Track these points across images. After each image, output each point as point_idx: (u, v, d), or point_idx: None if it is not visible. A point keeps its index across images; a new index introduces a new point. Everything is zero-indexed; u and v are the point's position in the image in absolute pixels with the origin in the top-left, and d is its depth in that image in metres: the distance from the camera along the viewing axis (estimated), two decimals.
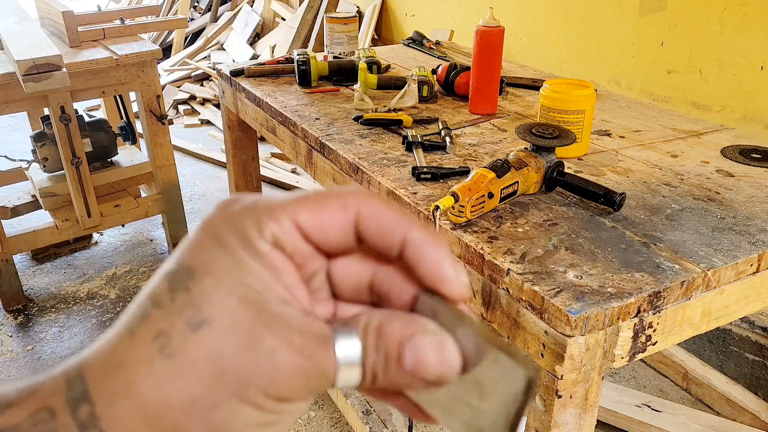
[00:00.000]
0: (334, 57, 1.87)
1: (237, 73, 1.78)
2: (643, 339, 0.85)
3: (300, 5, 4.27)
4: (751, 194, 1.10)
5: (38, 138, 2.16)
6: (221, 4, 5.23)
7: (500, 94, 1.60)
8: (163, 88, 4.17)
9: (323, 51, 1.96)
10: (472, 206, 0.97)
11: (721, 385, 1.73)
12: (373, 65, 1.71)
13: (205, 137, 3.79)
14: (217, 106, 4.12)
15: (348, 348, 0.26)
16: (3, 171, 2.57)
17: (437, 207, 0.95)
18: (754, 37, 1.86)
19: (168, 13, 5.16)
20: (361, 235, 0.28)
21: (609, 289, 0.82)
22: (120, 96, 2.40)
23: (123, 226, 2.55)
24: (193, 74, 4.49)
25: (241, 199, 0.27)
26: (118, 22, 2.35)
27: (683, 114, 1.54)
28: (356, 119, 1.45)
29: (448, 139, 1.30)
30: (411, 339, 0.26)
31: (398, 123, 1.41)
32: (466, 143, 1.32)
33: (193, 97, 4.25)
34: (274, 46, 4.35)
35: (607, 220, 1.00)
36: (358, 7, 3.95)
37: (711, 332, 1.79)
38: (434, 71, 1.67)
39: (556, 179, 1.07)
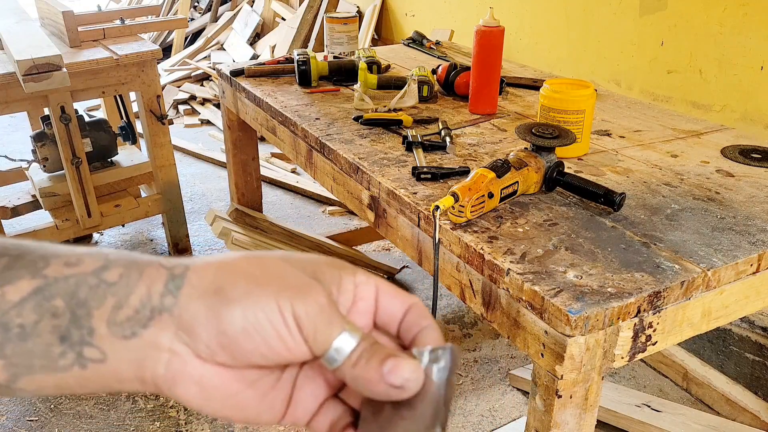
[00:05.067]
0: (334, 57, 1.87)
1: (237, 73, 1.78)
2: (643, 339, 0.85)
3: (300, 5, 4.27)
4: (751, 194, 1.10)
5: (38, 138, 2.16)
6: (221, 4, 5.23)
7: (500, 94, 1.60)
8: (163, 88, 4.17)
9: (323, 51, 1.96)
10: (472, 206, 0.97)
11: (721, 385, 1.73)
12: (373, 65, 1.71)
13: (205, 137, 3.79)
14: (217, 106, 4.11)
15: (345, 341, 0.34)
16: (3, 171, 2.57)
17: (437, 207, 0.95)
18: (754, 37, 1.86)
19: (168, 13, 5.16)
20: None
21: (609, 289, 0.82)
22: (120, 96, 2.40)
23: (123, 226, 2.55)
24: (193, 74, 4.49)
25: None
26: (118, 22, 2.35)
27: (683, 114, 1.54)
28: (356, 119, 1.45)
29: (448, 139, 1.30)
30: (396, 356, 0.34)
31: (398, 123, 1.41)
32: (466, 143, 1.32)
33: (193, 97, 4.25)
34: (274, 46, 4.35)
35: (607, 220, 1.00)
36: (358, 7, 3.95)
37: (711, 332, 1.79)
38: (434, 71, 1.67)
39: (556, 179, 1.07)
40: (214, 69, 4.28)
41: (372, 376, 0.33)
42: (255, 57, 4.37)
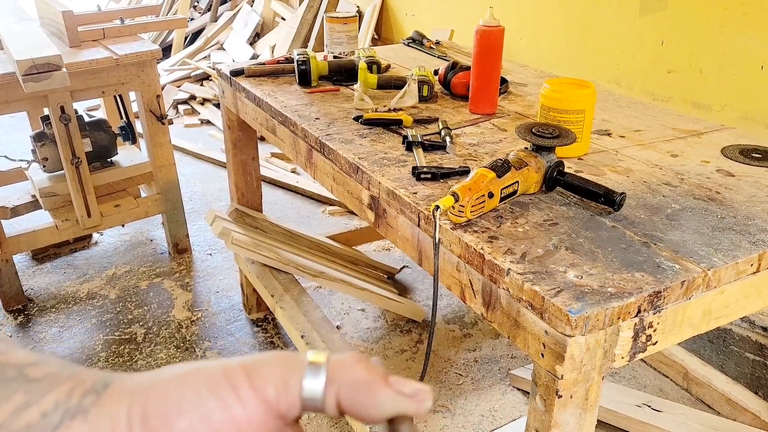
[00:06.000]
0: (334, 57, 1.87)
1: (237, 72, 1.78)
2: (643, 339, 0.85)
3: (300, 5, 4.27)
4: (752, 194, 1.10)
5: (38, 138, 2.16)
6: (221, 4, 5.23)
7: (503, 93, 1.60)
8: (163, 88, 4.17)
9: (323, 51, 1.96)
10: (472, 206, 0.96)
11: (721, 385, 1.73)
12: (373, 65, 1.71)
13: (205, 137, 3.79)
14: (217, 105, 4.11)
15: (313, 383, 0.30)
16: (3, 171, 2.57)
17: (437, 207, 0.95)
18: (755, 37, 1.86)
19: (168, 12, 5.15)
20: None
21: (609, 289, 0.82)
22: (120, 96, 2.40)
23: (123, 226, 2.55)
24: (193, 74, 4.49)
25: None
26: (118, 21, 2.35)
27: (683, 113, 1.54)
28: (356, 119, 1.45)
29: (448, 139, 1.30)
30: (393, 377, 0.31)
31: (398, 123, 1.40)
32: (466, 143, 1.32)
33: (193, 97, 4.25)
34: (274, 45, 4.35)
35: (607, 220, 1.00)
36: (358, 6, 3.95)
37: (711, 332, 1.79)
38: (436, 72, 1.67)
39: (556, 179, 1.07)
40: (213, 69, 4.28)
41: (375, 378, 0.30)
42: (255, 57, 4.37)
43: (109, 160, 2.35)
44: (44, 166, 2.19)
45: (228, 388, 0.29)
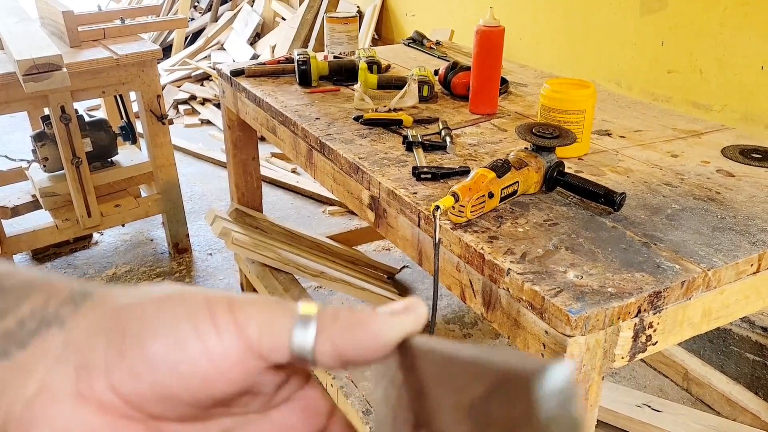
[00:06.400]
0: (335, 57, 1.87)
1: (237, 72, 1.78)
2: (643, 339, 0.85)
3: (300, 5, 4.27)
4: (752, 194, 1.10)
5: (38, 138, 2.16)
6: (221, 4, 5.23)
7: (503, 93, 1.60)
8: (163, 88, 4.17)
9: (323, 51, 1.96)
10: (473, 206, 0.97)
11: (721, 385, 1.73)
12: (373, 65, 1.71)
13: (206, 137, 3.79)
14: (218, 105, 4.11)
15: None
16: (3, 171, 2.57)
17: (437, 207, 0.95)
18: (755, 37, 1.86)
19: (168, 13, 5.15)
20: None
21: (609, 289, 0.82)
22: (120, 96, 2.40)
23: (123, 225, 2.55)
24: (193, 74, 4.49)
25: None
26: (118, 21, 2.35)
27: (683, 114, 1.54)
28: (356, 119, 1.45)
29: (448, 139, 1.30)
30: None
31: (398, 123, 1.41)
32: (467, 143, 1.32)
33: (193, 97, 4.25)
34: (275, 45, 4.35)
35: (607, 220, 1.00)
36: (358, 6, 3.95)
37: (711, 332, 1.79)
38: (436, 72, 1.67)
39: (556, 179, 1.07)
40: (214, 69, 4.28)
41: (363, 315, 0.28)
42: (255, 57, 4.37)
43: (109, 160, 2.35)
44: (44, 166, 2.19)
45: (207, 316, 0.27)
